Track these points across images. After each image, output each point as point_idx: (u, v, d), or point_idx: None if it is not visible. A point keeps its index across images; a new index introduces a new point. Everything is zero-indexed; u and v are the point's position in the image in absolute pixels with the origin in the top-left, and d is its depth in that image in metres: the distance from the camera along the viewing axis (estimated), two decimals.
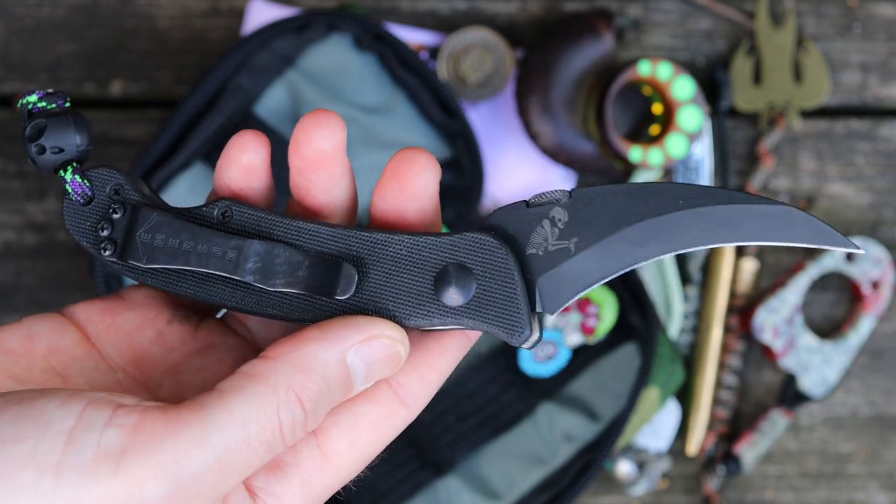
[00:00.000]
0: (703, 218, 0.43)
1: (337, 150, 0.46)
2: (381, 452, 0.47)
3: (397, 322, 0.45)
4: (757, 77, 0.87)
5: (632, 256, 0.44)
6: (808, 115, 0.87)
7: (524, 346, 0.44)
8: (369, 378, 0.44)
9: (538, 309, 0.45)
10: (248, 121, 0.80)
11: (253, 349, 0.49)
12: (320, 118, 0.46)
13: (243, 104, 0.80)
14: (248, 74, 0.80)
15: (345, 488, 0.48)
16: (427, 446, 0.80)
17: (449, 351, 0.47)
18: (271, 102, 0.80)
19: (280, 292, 0.46)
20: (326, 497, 0.46)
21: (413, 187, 0.46)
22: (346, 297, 0.45)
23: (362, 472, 0.48)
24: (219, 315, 0.50)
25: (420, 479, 0.80)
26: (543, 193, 0.45)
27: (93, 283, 0.80)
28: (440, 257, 0.45)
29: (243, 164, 0.47)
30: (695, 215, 0.43)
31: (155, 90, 0.86)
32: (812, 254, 0.86)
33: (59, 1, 0.85)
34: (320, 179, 0.47)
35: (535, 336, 0.45)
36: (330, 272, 0.45)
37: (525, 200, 0.45)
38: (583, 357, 0.81)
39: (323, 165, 0.46)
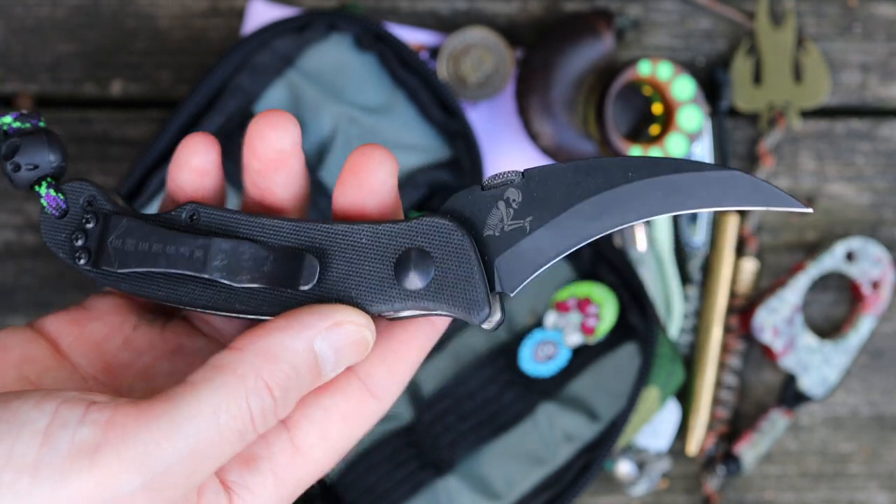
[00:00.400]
0: (653, 188, 0.44)
1: (295, 147, 0.47)
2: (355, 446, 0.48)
3: (361, 309, 0.45)
4: (757, 77, 0.87)
5: (586, 231, 0.45)
6: (807, 115, 0.87)
7: (485, 325, 0.45)
8: (338, 364, 0.45)
9: (498, 289, 0.45)
10: (248, 121, 0.80)
11: (220, 347, 0.49)
12: (273, 118, 0.47)
13: (243, 104, 0.80)
14: (248, 74, 0.80)
15: (319, 481, 0.48)
16: (427, 446, 0.80)
17: (416, 340, 0.47)
18: (271, 102, 0.80)
19: (247, 288, 0.47)
20: (299, 491, 0.47)
21: (371, 183, 0.47)
22: (310, 287, 0.46)
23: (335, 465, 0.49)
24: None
25: (420, 479, 0.80)
26: (497, 175, 0.46)
27: (92, 283, 0.80)
28: (399, 243, 0.46)
29: (194, 166, 0.48)
30: (644, 186, 0.44)
31: (155, 90, 0.86)
32: (812, 253, 0.86)
33: (60, 1, 0.85)
34: (280, 177, 0.48)
35: (497, 316, 0.46)
36: (293, 264, 0.46)
37: (480, 183, 0.46)
38: (583, 357, 0.81)
39: (283, 164, 0.47)
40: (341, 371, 0.45)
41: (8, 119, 0.48)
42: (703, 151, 0.85)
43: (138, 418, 0.41)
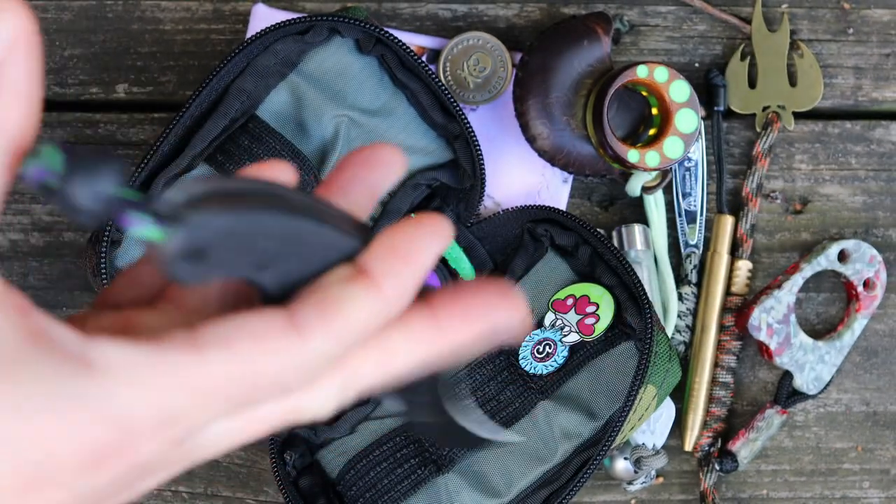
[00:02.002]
0: None
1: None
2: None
3: None
4: (752, 81, 0.87)
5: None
6: (802, 117, 0.88)
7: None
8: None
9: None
10: (250, 123, 0.80)
11: None
12: None
13: (246, 107, 0.80)
14: (251, 77, 0.80)
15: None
16: (427, 444, 0.80)
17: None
18: (274, 105, 0.81)
19: None
20: (208, 391, 0.41)
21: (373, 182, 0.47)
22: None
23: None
24: None
25: (420, 476, 0.80)
26: None
27: (99, 283, 0.81)
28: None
29: None
30: None
31: (159, 93, 0.86)
32: (806, 254, 0.87)
33: (65, 5, 0.86)
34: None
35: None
36: None
37: None
38: (580, 356, 0.82)
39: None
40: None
41: None
42: (699, 154, 0.86)
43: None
